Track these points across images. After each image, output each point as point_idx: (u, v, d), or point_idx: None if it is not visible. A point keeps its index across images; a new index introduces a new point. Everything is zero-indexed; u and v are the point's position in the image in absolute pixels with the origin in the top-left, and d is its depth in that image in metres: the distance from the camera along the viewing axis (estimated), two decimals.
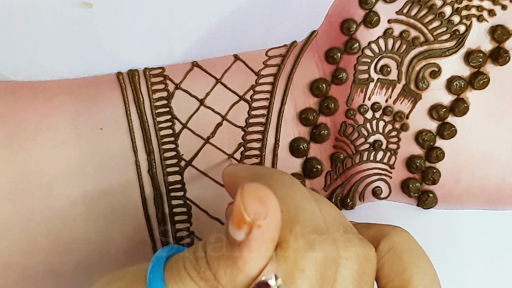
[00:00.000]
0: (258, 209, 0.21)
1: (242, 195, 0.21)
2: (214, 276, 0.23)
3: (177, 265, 0.24)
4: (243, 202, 0.21)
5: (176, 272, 0.23)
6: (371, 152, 0.32)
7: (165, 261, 0.24)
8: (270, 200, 0.21)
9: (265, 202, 0.21)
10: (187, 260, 0.24)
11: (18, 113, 0.30)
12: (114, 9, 0.31)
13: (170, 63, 0.32)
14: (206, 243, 0.24)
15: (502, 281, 0.35)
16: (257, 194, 0.21)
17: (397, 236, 0.27)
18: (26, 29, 0.31)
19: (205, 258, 0.23)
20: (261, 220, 0.21)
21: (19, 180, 0.30)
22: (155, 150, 0.31)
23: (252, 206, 0.21)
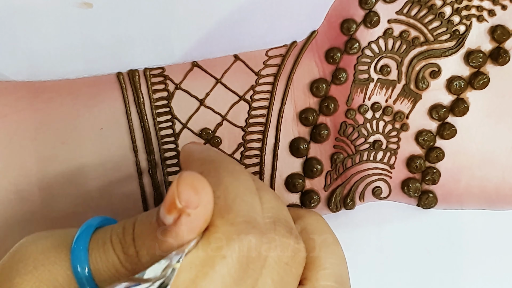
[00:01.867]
0: (191, 198, 0.22)
1: (179, 181, 0.22)
2: (137, 253, 0.23)
3: (104, 235, 0.24)
4: (178, 188, 0.22)
5: (102, 243, 0.24)
6: (371, 152, 0.32)
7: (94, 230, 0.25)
8: (205, 192, 0.22)
9: (199, 192, 0.22)
10: (114, 232, 0.24)
11: (19, 113, 0.30)
12: (114, 9, 0.31)
13: (170, 63, 0.32)
14: (136, 220, 0.24)
15: (502, 281, 0.35)
16: (194, 183, 0.22)
17: (311, 218, 0.27)
18: (26, 29, 0.31)
19: (132, 234, 0.24)
20: (192, 209, 0.22)
21: (19, 181, 0.30)
22: (155, 150, 0.31)
23: (185, 194, 0.22)
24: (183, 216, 0.22)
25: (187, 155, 0.27)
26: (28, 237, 0.25)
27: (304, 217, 0.27)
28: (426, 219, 0.34)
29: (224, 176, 0.24)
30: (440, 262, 0.35)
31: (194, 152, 0.27)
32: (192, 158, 0.27)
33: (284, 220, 0.25)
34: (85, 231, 0.24)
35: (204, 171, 0.24)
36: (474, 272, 0.35)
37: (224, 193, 0.24)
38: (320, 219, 0.28)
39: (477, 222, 0.34)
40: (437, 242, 0.34)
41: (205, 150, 0.28)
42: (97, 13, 0.31)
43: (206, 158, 0.26)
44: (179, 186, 0.22)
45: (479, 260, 0.35)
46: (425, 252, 0.34)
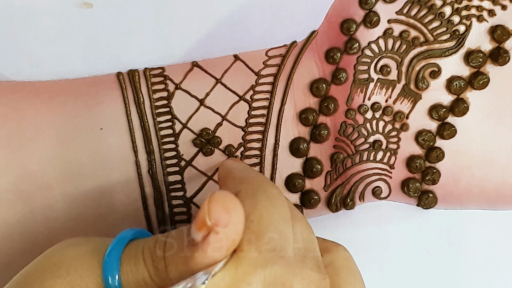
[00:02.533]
0: (221, 216, 0.22)
1: (211, 199, 0.22)
2: (166, 269, 0.23)
3: (137, 248, 0.24)
4: (209, 206, 0.22)
5: (134, 255, 0.24)
6: (371, 152, 0.32)
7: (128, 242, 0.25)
8: (236, 212, 0.22)
9: (230, 212, 0.22)
10: (147, 246, 0.24)
11: (19, 113, 0.30)
12: (114, 9, 0.31)
13: (170, 63, 0.32)
14: (169, 235, 0.24)
15: (502, 281, 0.35)
16: (225, 202, 0.22)
17: (339, 253, 0.27)
18: (26, 29, 0.31)
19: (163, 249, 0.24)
20: (221, 228, 0.22)
21: (19, 180, 0.30)
22: (155, 150, 0.31)
23: (215, 212, 0.22)
24: (212, 234, 0.22)
25: (226, 172, 0.28)
26: (64, 242, 0.26)
27: (332, 251, 0.27)
28: (426, 219, 0.34)
29: (261, 200, 0.24)
30: (440, 262, 0.35)
31: (233, 169, 0.27)
32: (231, 176, 0.27)
33: (313, 253, 0.25)
34: (119, 242, 0.25)
35: (241, 191, 0.24)
36: (474, 272, 0.35)
37: (258, 218, 0.23)
38: (348, 256, 0.27)
39: (477, 222, 0.34)
40: (437, 242, 0.34)
41: (245, 169, 0.28)
42: (97, 13, 0.31)
43: (245, 178, 0.26)
44: (210, 203, 0.22)
45: (479, 260, 0.35)
46: (425, 252, 0.34)
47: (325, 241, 0.28)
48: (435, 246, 0.34)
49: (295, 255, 0.24)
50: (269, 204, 0.24)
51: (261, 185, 0.25)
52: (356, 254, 0.34)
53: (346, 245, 0.34)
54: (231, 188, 0.25)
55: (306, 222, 0.26)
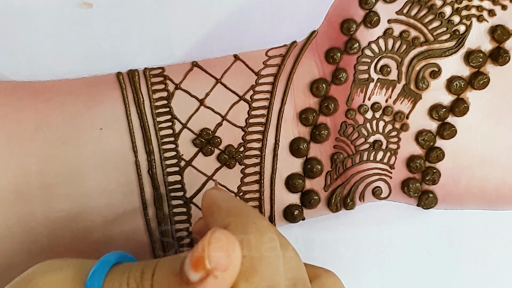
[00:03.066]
0: (221, 260, 0.21)
1: (211, 239, 0.21)
2: None
3: (121, 277, 0.23)
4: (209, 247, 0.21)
5: (118, 284, 0.23)
6: (371, 152, 0.32)
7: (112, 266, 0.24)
8: (235, 255, 0.21)
9: (230, 255, 0.21)
10: (132, 275, 0.23)
11: (19, 113, 0.30)
12: (114, 9, 0.31)
13: (170, 63, 0.32)
14: (156, 265, 0.23)
15: (501, 281, 0.35)
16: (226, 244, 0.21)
17: (328, 279, 0.27)
18: (26, 29, 0.31)
19: (151, 280, 0.23)
20: (220, 272, 0.21)
21: (19, 180, 0.30)
22: (155, 150, 0.31)
23: (216, 255, 0.21)
24: (210, 277, 0.21)
25: (210, 202, 0.27)
26: (42, 265, 0.25)
27: (321, 277, 0.27)
28: (426, 219, 0.34)
29: (251, 233, 0.24)
30: (440, 262, 0.35)
31: (218, 200, 0.27)
32: (217, 207, 0.26)
33: (303, 281, 0.25)
34: (101, 267, 0.24)
35: (230, 224, 0.24)
36: (474, 272, 0.35)
37: (250, 252, 0.23)
38: (336, 280, 0.27)
39: (477, 222, 0.34)
40: (437, 242, 0.34)
41: (231, 200, 0.27)
42: (97, 13, 0.31)
43: (233, 210, 0.25)
44: (210, 244, 0.21)
45: (479, 260, 0.35)
46: (425, 252, 0.34)
47: (313, 267, 0.28)
48: (435, 246, 0.34)
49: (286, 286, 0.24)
50: (260, 236, 0.24)
51: (250, 217, 0.25)
52: (356, 254, 0.34)
53: (346, 245, 0.34)
54: (218, 220, 0.24)
55: (293, 249, 0.26)
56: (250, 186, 0.32)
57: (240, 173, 0.32)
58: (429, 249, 0.35)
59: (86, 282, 0.23)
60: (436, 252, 0.35)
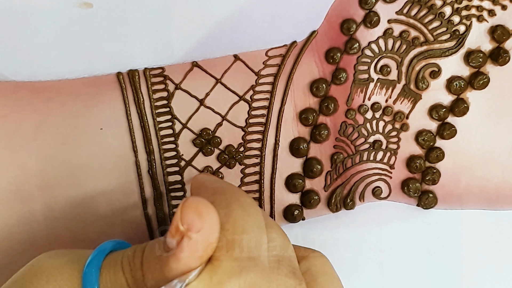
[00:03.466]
0: (194, 221, 0.22)
1: (183, 205, 0.22)
2: (143, 277, 0.23)
3: (116, 257, 0.25)
4: (182, 212, 0.22)
5: (113, 264, 0.24)
6: (371, 152, 0.32)
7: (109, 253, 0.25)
8: (209, 217, 0.22)
9: (203, 217, 0.22)
10: (125, 255, 0.24)
11: (19, 113, 0.30)
12: (114, 9, 0.31)
13: (170, 63, 0.32)
14: (147, 244, 0.24)
15: (502, 281, 0.35)
16: (198, 207, 0.22)
17: (316, 259, 0.27)
18: (26, 29, 0.31)
19: (141, 258, 0.24)
20: (193, 233, 0.22)
21: (19, 180, 0.30)
22: (155, 150, 0.31)
23: (188, 217, 0.22)
24: (185, 239, 0.22)
25: (198, 185, 0.28)
26: (46, 253, 0.26)
27: (309, 258, 0.27)
28: (426, 219, 0.34)
29: (235, 208, 0.24)
30: (440, 262, 0.35)
31: (206, 182, 0.28)
32: (203, 188, 0.27)
33: (289, 260, 0.25)
34: (99, 253, 0.25)
35: (215, 201, 0.24)
36: (474, 272, 0.35)
37: (232, 226, 0.24)
38: (325, 262, 0.27)
39: (477, 222, 0.34)
40: (437, 242, 0.34)
41: (217, 181, 0.28)
42: (97, 13, 0.31)
43: (218, 189, 0.26)
44: (183, 209, 0.22)
45: (479, 260, 0.35)
46: (425, 252, 0.34)
47: (301, 248, 0.28)
48: (435, 246, 0.34)
49: (269, 262, 0.24)
50: (243, 212, 0.24)
51: (234, 194, 0.25)
52: (356, 254, 0.34)
53: (346, 245, 0.34)
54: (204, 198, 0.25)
55: (280, 229, 0.26)
56: (250, 186, 0.32)
57: (240, 173, 0.32)
58: (429, 249, 0.35)
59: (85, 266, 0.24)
60: (436, 252, 0.35)
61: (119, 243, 0.26)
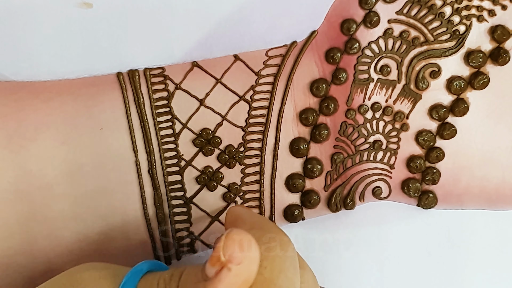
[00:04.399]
0: (235, 253, 0.22)
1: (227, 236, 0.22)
2: None
3: (153, 279, 0.25)
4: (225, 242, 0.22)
5: (149, 285, 0.25)
6: (371, 152, 0.32)
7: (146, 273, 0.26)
8: (251, 251, 0.23)
9: (244, 250, 0.22)
10: (162, 278, 0.25)
11: (19, 113, 0.30)
12: (114, 9, 0.31)
13: (170, 63, 0.32)
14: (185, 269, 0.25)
15: (502, 281, 0.35)
16: (241, 240, 0.23)
17: None
18: (26, 29, 0.31)
19: (177, 281, 0.24)
20: (234, 265, 0.22)
21: (19, 180, 0.30)
22: (155, 150, 0.31)
23: (230, 248, 0.22)
24: (224, 270, 0.22)
25: (234, 217, 0.28)
26: (84, 265, 0.27)
27: None
28: (426, 219, 0.34)
29: (273, 247, 0.25)
30: (440, 262, 0.35)
31: (243, 215, 0.28)
32: (241, 221, 0.27)
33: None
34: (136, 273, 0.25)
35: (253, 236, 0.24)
36: (474, 272, 0.35)
37: (271, 264, 0.24)
38: None
39: (477, 222, 0.34)
40: (437, 242, 0.34)
41: (255, 216, 0.28)
42: (97, 13, 0.31)
43: (256, 223, 0.27)
44: (226, 240, 0.22)
45: (479, 260, 0.35)
46: (425, 252, 0.35)
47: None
48: (435, 246, 0.35)
49: None
50: (280, 251, 0.25)
51: (273, 231, 0.26)
52: (356, 254, 0.34)
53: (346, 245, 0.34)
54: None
55: (311, 271, 0.27)
56: (250, 186, 0.32)
57: (240, 173, 0.32)
58: (429, 249, 0.35)
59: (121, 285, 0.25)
60: (436, 252, 0.35)
61: (156, 264, 0.27)
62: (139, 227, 0.31)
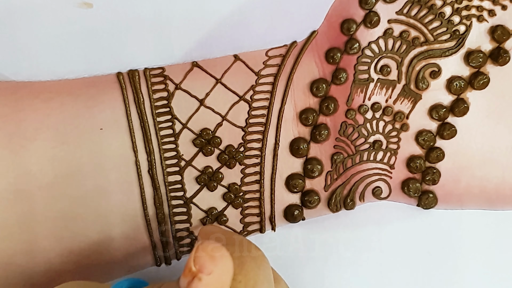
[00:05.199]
0: (206, 263, 0.22)
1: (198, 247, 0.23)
2: None
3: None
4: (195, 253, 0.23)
5: None
6: (371, 152, 0.32)
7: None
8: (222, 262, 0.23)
9: (215, 261, 0.23)
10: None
11: (19, 113, 0.30)
12: (114, 9, 0.31)
13: (170, 63, 0.32)
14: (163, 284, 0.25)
15: (502, 281, 0.35)
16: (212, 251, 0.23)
17: None
18: (26, 29, 0.31)
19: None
20: (204, 274, 0.22)
21: (19, 180, 0.30)
22: (155, 150, 0.31)
23: (200, 259, 0.22)
24: (195, 280, 0.22)
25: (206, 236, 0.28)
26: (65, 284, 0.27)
27: None
28: (426, 219, 0.34)
29: (247, 261, 0.25)
30: (440, 262, 0.35)
31: (216, 233, 0.28)
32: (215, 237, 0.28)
33: None
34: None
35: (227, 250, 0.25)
36: (474, 272, 0.35)
37: (245, 278, 0.24)
38: None
39: (477, 222, 0.34)
40: (437, 242, 0.34)
41: (227, 232, 0.29)
42: (97, 13, 0.31)
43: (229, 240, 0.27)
44: (197, 251, 0.23)
45: (479, 260, 0.35)
46: (425, 252, 0.34)
47: None
48: (435, 246, 0.35)
49: None
50: (254, 265, 0.25)
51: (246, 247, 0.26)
52: (356, 254, 0.34)
53: (346, 245, 0.34)
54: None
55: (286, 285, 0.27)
56: (250, 186, 0.32)
57: (240, 173, 0.32)
58: (429, 249, 0.35)
59: None
60: (436, 252, 0.35)
61: (135, 281, 0.27)
62: (139, 227, 0.31)
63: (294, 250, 0.34)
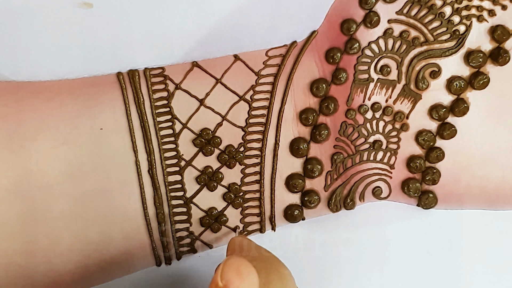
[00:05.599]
0: (233, 279, 0.23)
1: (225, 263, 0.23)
2: None
3: None
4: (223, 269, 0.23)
5: None
6: (371, 152, 0.32)
7: None
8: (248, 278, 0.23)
9: (242, 277, 0.23)
10: None
11: (19, 113, 0.30)
12: (114, 9, 0.31)
13: (170, 63, 0.32)
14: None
15: (502, 281, 0.35)
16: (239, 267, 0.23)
17: None
18: (26, 29, 0.31)
19: None
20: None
21: (19, 180, 0.30)
22: (155, 150, 0.31)
23: (228, 275, 0.23)
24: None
25: (236, 248, 0.28)
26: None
27: None
28: (426, 219, 0.34)
29: (274, 279, 0.25)
30: (440, 262, 0.35)
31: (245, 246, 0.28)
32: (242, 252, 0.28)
33: None
34: None
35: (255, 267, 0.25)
36: (474, 272, 0.35)
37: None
38: None
39: (477, 222, 0.34)
40: (437, 242, 0.34)
41: (257, 248, 0.29)
42: (97, 13, 0.31)
43: (258, 255, 0.27)
44: (224, 267, 0.23)
45: (479, 260, 0.35)
46: (425, 252, 0.34)
47: None
48: (435, 246, 0.34)
49: None
50: (280, 284, 0.25)
51: (274, 264, 0.26)
52: (357, 254, 0.34)
53: (346, 245, 0.34)
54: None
55: None
56: (250, 186, 0.32)
57: (240, 173, 0.32)
58: (429, 249, 0.35)
59: None
60: (436, 252, 0.35)
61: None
62: (139, 227, 0.31)
63: (294, 250, 0.34)
